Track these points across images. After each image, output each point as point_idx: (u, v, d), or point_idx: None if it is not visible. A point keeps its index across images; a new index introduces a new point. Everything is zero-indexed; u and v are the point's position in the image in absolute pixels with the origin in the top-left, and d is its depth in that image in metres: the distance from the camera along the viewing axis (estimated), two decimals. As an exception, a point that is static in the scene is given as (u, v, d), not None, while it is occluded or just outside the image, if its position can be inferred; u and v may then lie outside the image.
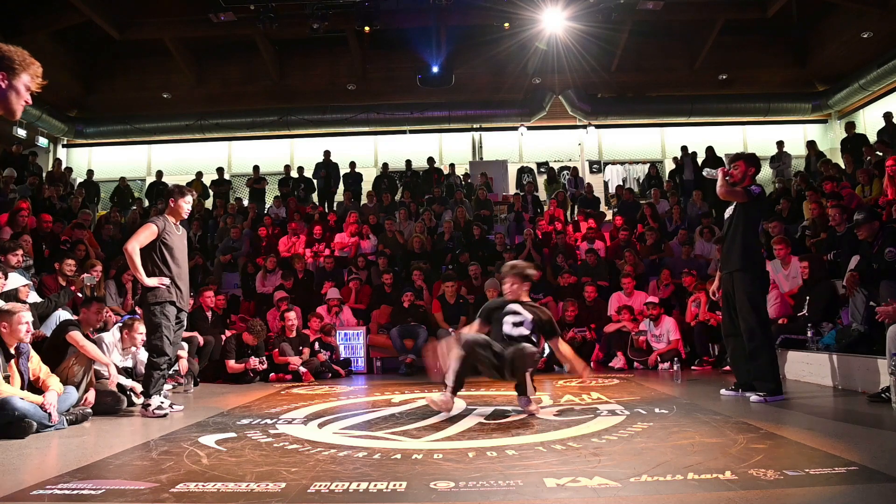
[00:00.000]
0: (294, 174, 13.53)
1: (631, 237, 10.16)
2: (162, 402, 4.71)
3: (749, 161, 4.95)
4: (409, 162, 13.85)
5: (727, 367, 6.71)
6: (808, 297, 6.19)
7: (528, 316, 4.53)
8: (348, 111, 13.94)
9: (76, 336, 4.72)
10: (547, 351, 7.78)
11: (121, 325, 5.47)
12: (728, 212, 5.04)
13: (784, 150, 12.98)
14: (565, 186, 13.21)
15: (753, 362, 4.71)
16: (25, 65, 2.67)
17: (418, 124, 14.37)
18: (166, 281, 4.65)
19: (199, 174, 13.62)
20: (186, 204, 4.93)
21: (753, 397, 4.63)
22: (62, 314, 5.62)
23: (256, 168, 13.47)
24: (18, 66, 2.63)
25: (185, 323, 5.02)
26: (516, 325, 4.51)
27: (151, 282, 4.59)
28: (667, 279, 8.58)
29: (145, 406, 4.59)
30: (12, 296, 5.24)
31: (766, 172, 13.84)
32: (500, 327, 4.53)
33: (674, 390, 5.52)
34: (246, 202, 13.03)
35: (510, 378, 4.31)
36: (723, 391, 5.01)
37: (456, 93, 13.12)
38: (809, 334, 5.88)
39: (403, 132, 14.63)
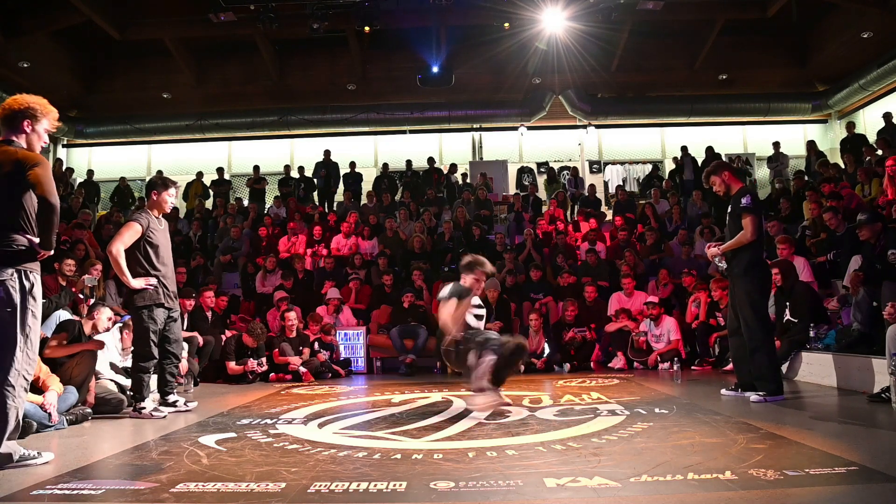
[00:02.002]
0: (294, 174, 13.54)
1: (631, 237, 10.16)
2: (176, 401, 4.73)
3: (718, 170, 5.01)
4: (409, 162, 13.84)
5: (727, 367, 6.72)
6: (787, 303, 6.15)
7: (484, 311, 4.72)
8: (348, 111, 13.94)
9: (51, 350, 4.55)
10: (547, 351, 7.81)
11: (121, 325, 5.48)
12: (728, 217, 5.01)
13: (780, 150, 13.00)
14: (565, 186, 13.21)
15: (753, 362, 4.73)
16: (45, 112, 3.20)
17: (418, 124, 14.37)
18: (153, 281, 4.55)
19: (200, 174, 13.62)
20: (170, 197, 4.82)
21: (753, 397, 4.64)
22: (62, 314, 5.61)
23: (256, 168, 13.47)
24: (40, 114, 3.17)
25: (178, 319, 4.93)
26: (479, 317, 4.64)
27: (138, 283, 4.50)
28: (665, 278, 8.58)
29: (138, 409, 4.57)
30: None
31: (764, 173, 13.87)
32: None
33: (674, 390, 5.53)
34: (246, 202, 13.04)
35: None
36: (723, 391, 5.01)
37: (456, 93, 13.12)
38: (812, 334, 5.88)
39: (403, 132, 14.63)
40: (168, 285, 4.69)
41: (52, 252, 3.09)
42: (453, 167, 13.70)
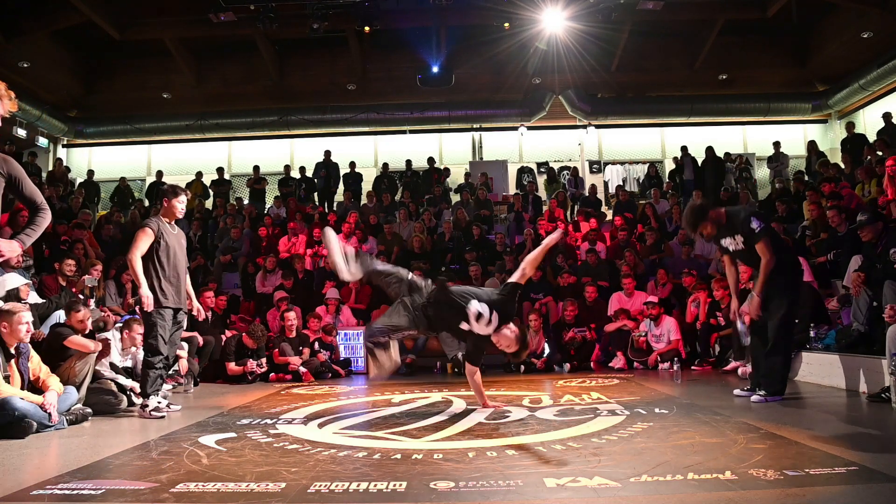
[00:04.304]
0: (294, 174, 13.53)
1: (631, 237, 10.16)
2: (159, 403, 4.72)
3: (703, 218, 4.74)
4: (409, 162, 13.84)
5: (727, 367, 6.73)
6: None
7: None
8: (348, 111, 13.93)
9: (75, 340, 4.71)
10: (547, 351, 7.80)
11: (120, 325, 5.48)
12: (728, 243, 4.81)
13: (781, 150, 13.00)
14: (565, 186, 13.21)
15: (768, 358, 4.67)
16: None
17: (418, 124, 14.36)
18: (161, 309, 4.64)
19: (199, 174, 13.62)
20: (180, 204, 4.94)
21: (754, 397, 4.63)
22: (62, 315, 5.61)
23: (256, 168, 13.47)
24: None
25: (183, 324, 5.03)
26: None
27: (148, 298, 4.58)
28: (663, 278, 8.58)
29: (143, 406, 4.62)
30: (13, 295, 5.25)
31: (764, 173, 13.87)
32: None
33: (674, 390, 5.52)
34: (246, 202, 13.03)
35: None
36: (736, 391, 4.96)
37: (456, 93, 13.11)
38: (812, 334, 5.87)
39: (403, 132, 14.62)
40: (179, 287, 4.80)
41: None
42: (447, 171, 13.72)
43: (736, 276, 5.09)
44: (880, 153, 9.87)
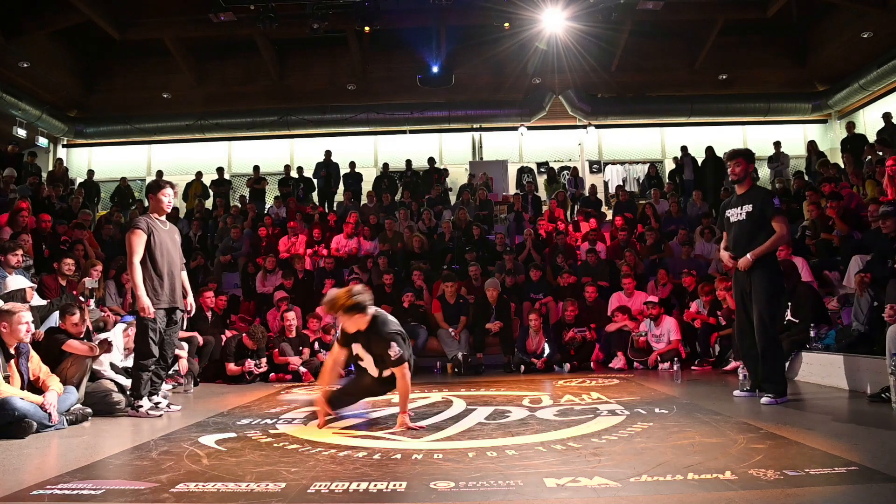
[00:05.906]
0: (294, 174, 13.54)
1: (631, 237, 10.16)
2: (159, 403, 4.72)
3: (749, 157, 4.97)
4: (409, 162, 13.84)
5: (728, 367, 6.72)
6: (789, 303, 6.11)
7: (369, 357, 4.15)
8: (348, 111, 13.94)
9: (74, 345, 4.70)
10: (547, 351, 7.80)
11: (124, 325, 5.49)
12: (733, 213, 4.95)
13: (781, 150, 13.01)
14: (565, 186, 13.21)
15: (764, 362, 4.67)
16: None
17: (418, 124, 14.36)
18: (154, 311, 4.59)
19: (199, 174, 13.62)
20: (165, 197, 4.88)
21: (764, 399, 4.59)
22: (57, 317, 5.60)
23: (256, 168, 13.48)
24: None
25: (180, 322, 4.99)
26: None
27: (147, 308, 4.55)
28: (664, 278, 8.58)
29: (135, 408, 4.60)
30: (18, 296, 5.25)
31: (764, 173, 13.87)
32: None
33: (674, 390, 5.52)
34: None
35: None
36: (736, 392, 4.97)
37: (456, 93, 13.12)
38: (812, 334, 5.87)
39: (403, 132, 14.63)
40: (173, 285, 4.77)
41: None
42: (446, 171, 13.72)
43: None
44: (880, 153, 9.88)
